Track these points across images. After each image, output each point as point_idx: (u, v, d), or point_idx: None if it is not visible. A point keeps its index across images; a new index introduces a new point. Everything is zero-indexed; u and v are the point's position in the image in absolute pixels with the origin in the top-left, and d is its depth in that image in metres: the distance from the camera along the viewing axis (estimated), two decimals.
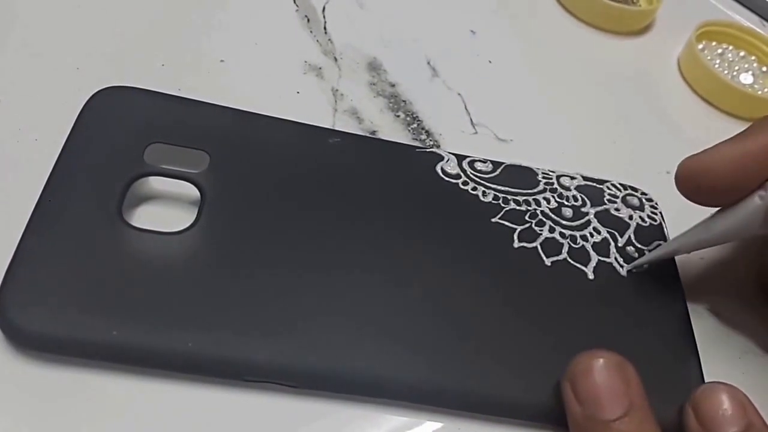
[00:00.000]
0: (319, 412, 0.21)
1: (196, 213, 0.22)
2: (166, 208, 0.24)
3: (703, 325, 0.26)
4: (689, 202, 0.27)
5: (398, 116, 0.30)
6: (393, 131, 0.29)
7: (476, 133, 0.30)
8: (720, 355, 0.26)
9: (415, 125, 0.30)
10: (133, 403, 0.20)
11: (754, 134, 0.22)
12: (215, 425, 0.20)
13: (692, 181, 0.23)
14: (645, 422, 0.20)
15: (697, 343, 0.24)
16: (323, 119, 0.28)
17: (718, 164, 0.22)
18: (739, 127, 0.35)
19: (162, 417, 0.20)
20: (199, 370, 0.20)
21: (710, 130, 0.35)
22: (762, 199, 0.21)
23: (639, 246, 0.26)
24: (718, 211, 0.23)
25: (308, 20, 0.32)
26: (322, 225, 0.23)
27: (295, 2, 0.33)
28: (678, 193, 0.31)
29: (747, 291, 0.28)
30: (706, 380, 0.23)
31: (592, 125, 0.33)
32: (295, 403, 0.21)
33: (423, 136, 0.29)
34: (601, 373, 0.20)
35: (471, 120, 0.31)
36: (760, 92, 0.36)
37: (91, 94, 0.24)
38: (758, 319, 0.27)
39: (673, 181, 0.31)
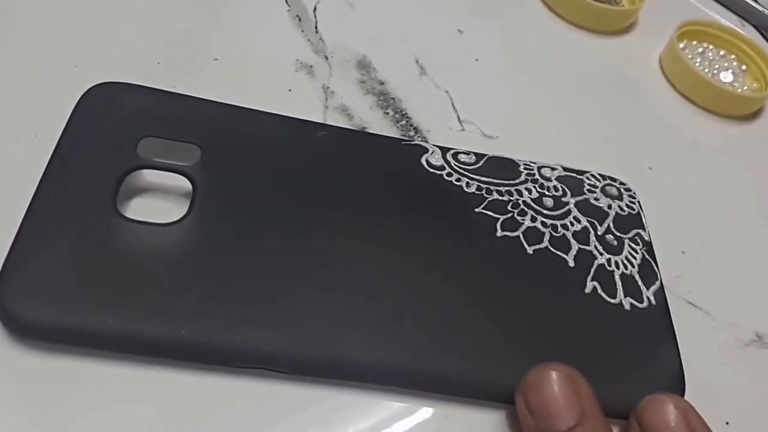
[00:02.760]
0: (310, 396, 0.21)
1: (188, 205, 0.22)
2: (159, 200, 0.24)
3: (680, 313, 0.26)
4: (663, 194, 0.27)
5: (387, 113, 0.30)
6: (382, 128, 0.29)
7: (463, 129, 0.30)
8: (698, 342, 0.26)
9: (403, 122, 0.30)
10: (128, 390, 0.20)
11: None
12: (209, 410, 0.20)
13: None
14: (597, 430, 0.20)
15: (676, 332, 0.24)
16: (314, 116, 0.28)
17: None
18: (720, 124, 0.36)
19: (157, 403, 0.20)
20: (193, 357, 0.20)
21: (691, 127, 0.35)
22: None
23: (618, 234, 0.26)
24: None
25: (300, 20, 0.32)
26: (310, 216, 0.23)
27: (287, 2, 0.32)
28: (657, 185, 0.31)
29: None
30: (685, 369, 0.23)
31: (576, 122, 0.33)
32: (286, 388, 0.21)
33: (411, 133, 0.29)
34: (552, 386, 0.20)
35: (458, 117, 0.31)
36: (739, 90, 0.36)
37: None
38: None
39: (655, 173, 0.31)
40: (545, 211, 0.26)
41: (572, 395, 0.20)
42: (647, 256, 0.26)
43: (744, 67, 0.38)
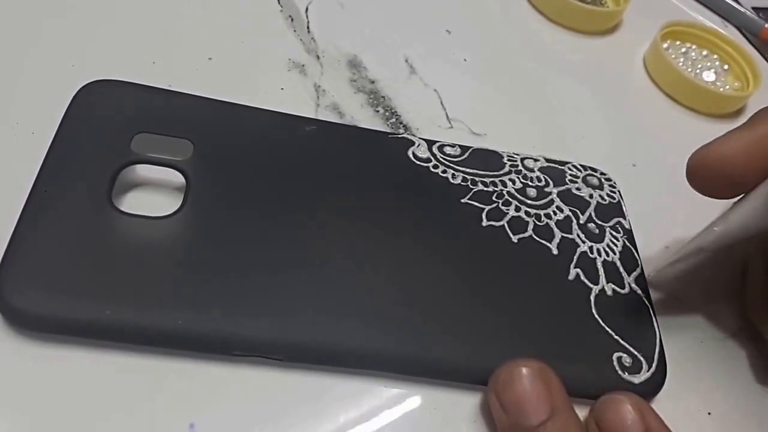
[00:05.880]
0: (304, 383, 0.21)
1: (182, 198, 0.23)
2: (153, 194, 0.24)
3: (664, 305, 0.26)
4: (647, 191, 0.27)
5: (378, 111, 0.30)
6: (373, 126, 0.29)
7: (452, 127, 0.30)
8: (682, 334, 0.26)
9: (393, 120, 0.30)
10: (126, 379, 0.20)
11: (763, 121, 0.21)
12: (206, 398, 0.20)
13: (706, 173, 0.21)
14: (568, 423, 0.20)
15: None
16: (306, 114, 0.28)
17: (731, 152, 0.20)
18: (702, 122, 0.36)
19: (154, 392, 0.20)
20: (189, 346, 0.20)
21: (674, 126, 0.35)
22: None
23: (599, 222, 0.27)
24: (735, 203, 0.22)
25: (292, 20, 0.32)
26: (301, 207, 0.24)
27: (279, 3, 0.33)
28: (642, 182, 0.31)
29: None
30: (668, 361, 0.24)
31: (562, 121, 0.33)
32: (281, 375, 0.21)
33: (401, 131, 0.29)
34: (523, 382, 0.20)
35: (447, 115, 0.31)
36: (721, 89, 0.37)
37: None
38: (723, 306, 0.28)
39: (639, 171, 0.31)
40: (529, 201, 0.26)
41: (543, 390, 0.20)
42: (628, 244, 0.26)
43: (726, 67, 0.38)
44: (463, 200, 0.26)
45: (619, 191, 0.28)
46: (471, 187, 0.26)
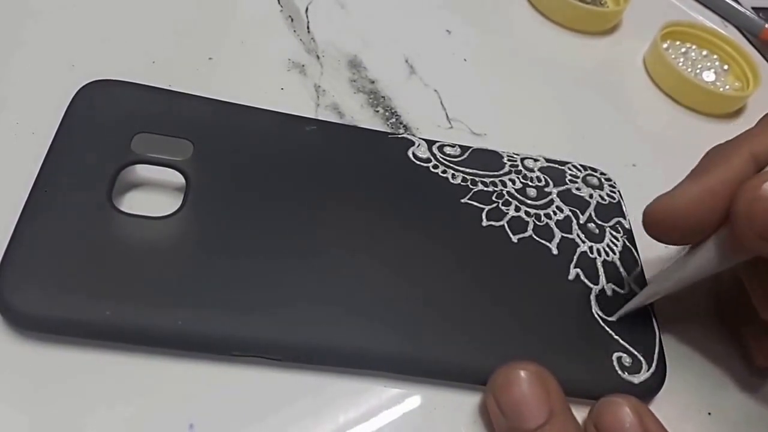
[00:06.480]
0: (304, 383, 0.21)
1: (181, 198, 0.23)
2: (153, 194, 0.24)
3: (663, 306, 0.26)
4: (647, 191, 0.27)
5: (378, 111, 0.30)
6: (373, 126, 0.29)
7: (452, 127, 0.30)
8: (681, 334, 0.26)
9: (393, 120, 0.30)
10: (126, 379, 0.20)
11: (711, 169, 0.21)
12: (205, 398, 0.20)
13: (661, 226, 0.22)
14: (566, 426, 0.20)
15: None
16: (306, 114, 0.28)
17: (682, 206, 0.21)
18: (702, 122, 0.36)
19: (154, 392, 0.20)
20: (189, 346, 0.20)
21: (674, 126, 0.35)
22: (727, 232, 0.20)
23: (599, 222, 0.27)
24: (691, 247, 0.22)
25: (292, 20, 0.32)
26: (301, 207, 0.23)
27: (279, 3, 0.33)
28: (642, 182, 0.31)
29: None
30: (668, 361, 0.24)
31: (563, 120, 0.33)
32: (280, 375, 0.21)
33: (401, 131, 0.29)
34: (521, 385, 0.20)
35: (447, 115, 0.31)
36: (721, 89, 0.37)
37: None
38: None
39: (639, 170, 0.32)
40: (529, 201, 0.26)
41: (541, 393, 0.20)
42: (628, 244, 0.26)
43: (726, 67, 0.38)
44: (463, 200, 0.26)
45: (619, 191, 0.28)
46: (471, 187, 0.26)
